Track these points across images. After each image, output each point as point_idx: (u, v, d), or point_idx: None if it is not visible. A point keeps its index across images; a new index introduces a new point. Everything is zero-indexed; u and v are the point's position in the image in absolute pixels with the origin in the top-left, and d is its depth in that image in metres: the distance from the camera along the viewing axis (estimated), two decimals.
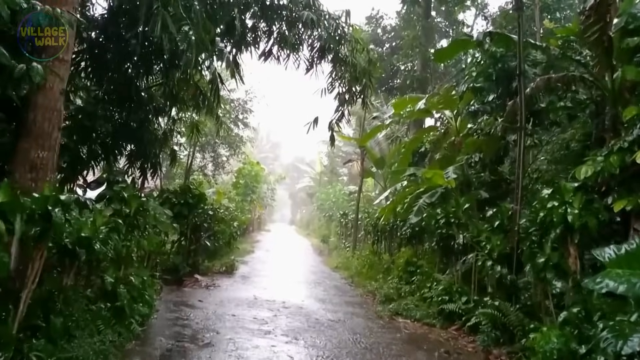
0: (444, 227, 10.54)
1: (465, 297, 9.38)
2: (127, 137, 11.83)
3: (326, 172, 46.39)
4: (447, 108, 14.20)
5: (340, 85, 13.68)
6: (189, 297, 10.50)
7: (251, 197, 29.92)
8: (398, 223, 14.26)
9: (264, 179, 36.35)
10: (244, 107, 25.95)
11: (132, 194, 7.31)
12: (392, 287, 12.24)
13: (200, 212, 13.01)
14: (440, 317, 9.52)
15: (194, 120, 16.60)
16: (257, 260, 19.14)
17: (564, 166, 10.67)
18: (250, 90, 25.95)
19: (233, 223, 19.47)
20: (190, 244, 12.88)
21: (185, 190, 12.46)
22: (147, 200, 7.51)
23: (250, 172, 29.28)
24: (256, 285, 13.10)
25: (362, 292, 12.94)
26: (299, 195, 69.18)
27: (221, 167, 26.83)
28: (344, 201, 31.16)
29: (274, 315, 9.29)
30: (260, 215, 44.89)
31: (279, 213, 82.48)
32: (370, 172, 23.58)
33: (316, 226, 42.46)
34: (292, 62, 13.64)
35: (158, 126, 14.20)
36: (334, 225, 30.37)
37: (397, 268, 13.14)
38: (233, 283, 13.10)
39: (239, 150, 26.73)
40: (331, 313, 9.89)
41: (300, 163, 68.97)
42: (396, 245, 15.23)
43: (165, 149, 14.45)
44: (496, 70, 11.67)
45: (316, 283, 14.24)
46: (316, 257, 23.40)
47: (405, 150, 15.93)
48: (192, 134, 16.26)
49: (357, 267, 16.48)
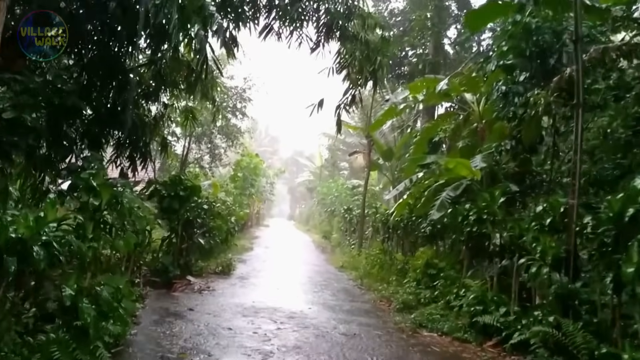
0: (474, 224, 9.08)
1: (503, 307, 7.92)
2: (113, 122, 10.50)
3: (327, 166, 44.91)
4: (470, 91, 12.76)
5: (350, 65, 12.22)
6: (179, 305, 9.04)
7: (250, 190, 28.45)
8: (413, 219, 12.81)
9: (263, 172, 34.87)
10: (242, 96, 24.38)
11: (103, 183, 5.83)
12: (409, 292, 10.81)
13: (193, 206, 11.54)
14: (473, 330, 8.07)
15: (188, 106, 15.18)
16: (257, 259, 17.68)
17: (607, 156, 9.25)
18: (248, 78, 24.43)
19: (230, 218, 18.00)
20: (182, 242, 11.40)
21: (176, 182, 10.98)
22: (122, 190, 6.02)
23: (249, 165, 27.80)
24: (256, 288, 11.65)
25: (374, 297, 11.49)
26: (298, 189, 67.87)
27: (218, 159, 25.37)
28: (346, 196, 29.70)
29: (277, 329, 7.84)
30: (259, 210, 43.45)
31: (278, 208, 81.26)
32: (376, 165, 22.11)
33: (317, 221, 41.01)
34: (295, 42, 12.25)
35: (148, 112, 12.86)
36: (337, 220, 28.93)
37: (413, 270, 11.70)
38: (230, 285, 11.65)
39: (237, 142, 25.24)
40: (344, 325, 8.44)
41: (300, 157, 67.49)
42: (411, 244, 13.78)
43: (156, 137, 13.13)
44: (530, 45, 10.24)
45: (322, 285, 12.80)
46: (319, 255, 21.96)
47: (420, 139, 14.49)
48: (187, 121, 14.77)
49: (365, 267, 15.03)
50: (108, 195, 5.82)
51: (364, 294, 12.02)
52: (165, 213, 10.89)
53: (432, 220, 10.58)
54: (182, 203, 10.87)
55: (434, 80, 12.90)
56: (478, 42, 21.72)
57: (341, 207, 27.26)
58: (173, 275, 10.77)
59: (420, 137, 14.53)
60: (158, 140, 13.23)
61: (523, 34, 10.24)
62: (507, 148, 10.41)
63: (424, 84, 13.21)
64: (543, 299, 7.28)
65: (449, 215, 10.20)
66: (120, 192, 6.00)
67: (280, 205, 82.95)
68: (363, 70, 12.11)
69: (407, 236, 13.84)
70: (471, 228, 9.16)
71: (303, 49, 12.15)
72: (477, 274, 9.73)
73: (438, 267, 10.83)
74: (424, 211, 12.17)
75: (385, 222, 15.29)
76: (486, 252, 8.99)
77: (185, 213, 11.11)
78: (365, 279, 14.11)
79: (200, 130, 23.66)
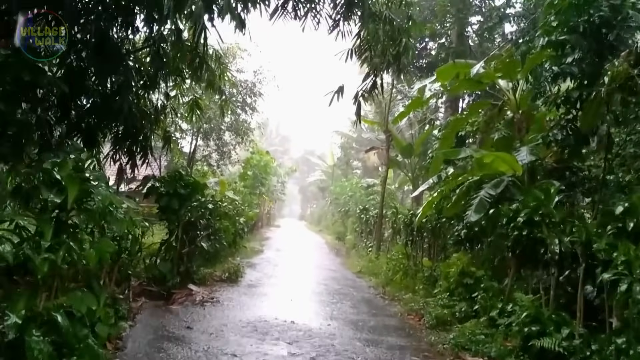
0: (523, 227, 7.65)
1: (566, 328, 6.50)
2: (110, 113, 9.37)
3: (340, 165, 43.48)
4: (506, 77, 11.32)
5: (372, 48, 10.82)
6: (176, 321, 7.72)
7: (260, 189, 27.13)
8: (442, 221, 11.39)
9: (274, 170, 33.55)
10: (252, 90, 23.09)
11: (69, 175, 4.51)
12: (442, 304, 9.40)
13: (196, 205, 10.21)
14: (528, 356, 6.67)
15: (193, 96, 13.92)
16: (267, 263, 16.34)
17: None
18: (259, 71, 23.15)
19: (239, 219, 16.69)
20: (182, 246, 10.07)
21: (175, 178, 9.67)
22: (96, 185, 4.69)
23: (259, 162, 26.49)
24: (266, 298, 10.31)
25: (401, 310, 10.09)
26: (309, 189, 66.66)
27: (227, 156, 24.11)
28: (361, 195, 28.28)
29: (291, 354, 6.48)
30: (270, 210, 42.16)
31: (288, 208, 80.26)
32: (395, 162, 20.68)
33: (329, 222, 39.61)
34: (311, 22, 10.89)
35: (149, 102, 11.66)
36: (351, 221, 27.52)
37: (445, 278, 10.27)
38: (237, 295, 10.32)
39: (247, 138, 23.95)
40: (371, 347, 7.06)
41: (311, 156, 66.19)
42: (440, 249, 12.35)
43: (158, 130, 11.92)
44: (582, 20, 8.79)
45: (340, 295, 11.42)
46: (334, 258, 20.56)
47: (448, 132, 13.04)
48: (192, 113, 13.48)
49: (387, 273, 13.65)
50: (75, 192, 4.49)
51: (388, 306, 10.62)
52: (164, 213, 9.59)
53: (469, 222, 9.14)
54: (183, 202, 9.55)
55: (465, 66, 11.46)
56: (502, 33, 20.28)
57: (356, 207, 25.86)
58: (172, 285, 9.46)
59: (447, 131, 13.09)
60: (160, 134, 12.06)
61: (576, 7, 8.81)
62: (558, 138, 8.93)
63: (454, 69, 11.77)
64: (621, 321, 5.85)
65: (489, 216, 8.79)
66: (93, 186, 4.67)
67: (291, 205, 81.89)
68: (386, 54, 10.73)
69: (436, 240, 12.41)
70: (520, 232, 7.72)
71: (318, 34, 10.79)
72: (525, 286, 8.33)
73: (475, 276, 9.41)
74: (454, 211, 10.81)
75: (409, 224, 13.87)
76: (539, 261, 7.55)
77: (187, 213, 9.79)
78: (387, 286, 12.74)
79: (208, 127, 22.46)
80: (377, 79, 10.92)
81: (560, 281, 7.06)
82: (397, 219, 16.21)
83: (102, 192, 4.61)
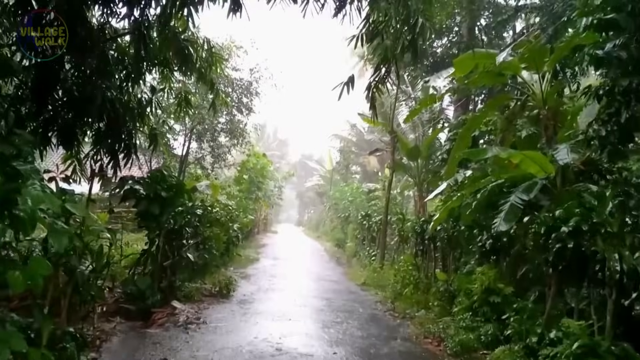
0: (568, 239, 6.37)
1: None
2: (87, 107, 8.20)
3: (339, 169, 42.18)
4: (531, 68, 10.09)
5: (384, 31, 9.59)
6: (152, 350, 6.42)
7: (256, 194, 25.79)
8: (461, 229, 10.11)
9: (271, 174, 32.22)
10: (249, 89, 21.80)
11: None
12: (465, 325, 8.13)
13: (181, 211, 8.92)
14: None
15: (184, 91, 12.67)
16: (263, 274, 15.01)
17: None
18: (255, 69, 21.86)
19: (233, 226, 15.38)
20: (165, 258, 8.76)
21: (157, 179, 8.37)
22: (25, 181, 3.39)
23: (256, 166, 25.16)
24: (261, 317, 8.99)
25: (416, 332, 8.78)
26: (307, 194, 65.39)
27: (222, 158, 22.78)
28: (362, 200, 26.95)
29: None
30: (267, 216, 40.81)
31: (286, 213, 79.00)
32: (400, 165, 19.38)
33: (328, 228, 38.27)
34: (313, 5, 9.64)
35: (134, 97, 10.45)
36: (352, 227, 26.21)
37: (465, 294, 8.99)
38: (227, 314, 9.01)
39: (243, 140, 22.64)
40: None
41: (309, 160, 64.97)
42: (455, 260, 11.07)
43: (143, 127, 10.70)
44: None
45: (345, 312, 10.11)
46: (335, 267, 19.22)
47: (464, 131, 11.75)
48: (181, 109, 12.20)
49: (394, 286, 12.34)
50: None
51: (400, 326, 9.31)
52: (143, 220, 8.28)
53: (497, 231, 7.85)
54: (165, 207, 8.25)
55: (485, 56, 10.22)
56: (513, 28, 19.13)
57: (357, 212, 24.57)
58: (152, 303, 8.14)
59: (462, 131, 11.82)
60: (142, 129, 10.82)
61: None
62: (602, 134, 7.68)
63: (473, 60, 10.51)
64: None
65: (522, 225, 7.53)
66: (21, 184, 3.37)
67: (289, 211, 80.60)
68: (400, 38, 9.49)
69: (452, 250, 11.11)
70: (564, 244, 6.45)
71: (317, 29, 9.52)
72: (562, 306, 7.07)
73: (503, 294, 8.13)
74: (469, 218, 9.58)
75: (420, 232, 12.59)
76: (590, 279, 6.27)
77: (169, 220, 8.48)
78: (396, 301, 11.44)
79: (202, 128, 21.19)
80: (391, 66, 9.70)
81: (622, 305, 5.77)
82: (404, 226, 14.94)
83: (32, 193, 3.31)
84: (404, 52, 9.45)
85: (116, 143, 9.51)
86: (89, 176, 9.91)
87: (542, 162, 8.31)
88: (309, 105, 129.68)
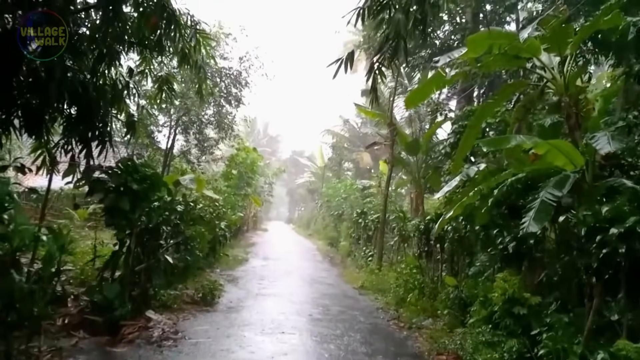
0: (619, 242, 5.29)
1: None
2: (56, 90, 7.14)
3: (331, 166, 41.02)
4: (553, 49, 9.01)
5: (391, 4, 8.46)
6: None
7: (246, 190, 24.56)
8: (476, 229, 8.99)
9: (262, 170, 30.97)
10: (238, 80, 20.56)
11: None
12: (484, 340, 7.04)
13: (157, 207, 7.72)
14: None
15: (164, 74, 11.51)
16: (253, 276, 13.83)
17: None
18: (245, 58, 20.61)
19: (220, 224, 14.17)
20: (137, 262, 7.55)
21: (127, 169, 7.16)
22: None
23: (245, 160, 23.92)
24: (249, 330, 7.83)
25: (427, 346, 7.67)
26: (297, 191, 64.31)
27: (209, 152, 21.56)
28: (356, 197, 25.84)
29: None
30: (256, 213, 39.55)
31: (276, 211, 77.94)
32: (399, 159, 18.24)
33: (320, 226, 37.13)
34: None
35: (109, 80, 9.33)
36: (345, 226, 25.10)
37: (482, 304, 7.90)
38: (212, 326, 7.84)
39: (231, 132, 21.42)
40: None
41: (300, 157, 63.72)
42: (465, 263, 9.98)
43: (119, 113, 9.61)
44: None
45: (344, 322, 8.97)
46: (329, 269, 18.06)
47: (475, 120, 10.64)
48: (161, 93, 11.04)
49: (396, 291, 11.24)
50: None
51: (408, 339, 8.19)
52: (111, 217, 7.07)
53: (525, 233, 6.73)
54: (137, 202, 7.04)
55: (502, 36, 9.11)
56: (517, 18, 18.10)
57: (352, 210, 23.45)
58: (121, 314, 6.94)
59: (473, 119, 10.69)
60: (119, 115, 9.72)
61: None
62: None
63: (488, 40, 9.38)
64: None
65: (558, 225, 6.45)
66: None
67: (279, 208, 79.52)
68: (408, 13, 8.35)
69: (463, 252, 10.02)
70: (613, 248, 5.37)
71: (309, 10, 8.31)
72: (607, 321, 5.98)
73: (528, 304, 7.03)
74: (488, 218, 8.50)
75: (424, 231, 11.50)
76: None
77: (142, 217, 7.27)
78: (399, 308, 10.35)
79: (188, 119, 19.95)
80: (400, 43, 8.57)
81: None
82: (406, 225, 13.84)
83: None
84: (416, 26, 8.34)
85: (89, 130, 8.51)
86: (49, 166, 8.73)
87: (571, 154, 7.24)
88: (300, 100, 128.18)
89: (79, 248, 12.66)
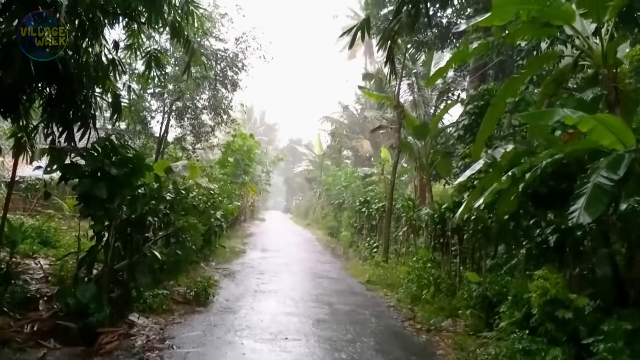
0: None
1: None
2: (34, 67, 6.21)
3: (330, 154, 39.92)
4: (592, 15, 7.96)
5: None
6: None
7: (243, 178, 23.50)
8: (505, 219, 7.97)
9: (259, 158, 29.88)
10: (234, 62, 19.37)
11: None
12: (522, 348, 6.04)
13: (141, 195, 6.67)
14: None
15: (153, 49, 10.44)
16: (251, 270, 12.82)
17: None
18: (242, 39, 19.39)
19: (215, 213, 13.13)
20: (119, 258, 6.50)
21: (104, 151, 6.09)
22: None
23: (242, 147, 22.83)
24: (248, 335, 6.81)
25: (455, 356, 6.66)
26: (295, 180, 63.30)
27: (204, 138, 20.43)
28: (358, 186, 24.80)
29: None
30: (254, 202, 38.54)
31: (273, 200, 77.03)
32: (405, 144, 17.18)
33: (319, 215, 36.13)
34: None
35: (93, 56, 8.37)
36: (347, 215, 24.08)
37: (514, 304, 6.91)
38: (205, 331, 6.82)
39: (228, 118, 20.31)
40: None
41: (298, 145, 62.64)
42: (486, 256, 8.98)
43: (104, 93, 8.69)
44: None
45: (355, 323, 7.97)
46: (332, 261, 17.04)
47: (499, 98, 9.56)
48: (150, 70, 10.03)
49: (408, 286, 10.25)
50: None
51: (430, 345, 7.19)
52: (86, 207, 6.01)
53: (576, 223, 5.71)
54: (116, 189, 5.97)
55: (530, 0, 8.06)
56: None
57: (353, 198, 22.42)
58: (98, 319, 5.90)
59: (497, 97, 9.62)
60: (104, 95, 8.79)
61: None
62: None
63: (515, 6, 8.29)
64: None
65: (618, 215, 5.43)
66: None
67: (276, 197, 78.60)
68: None
69: (487, 244, 9.00)
70: None
71: None
72: None
73: (574, 307, 6.03)
74: (517, 205, 7.50)
75: (439, 222, 10.49)
76: None
77: (123, 206, 6.22)
78: (414, 306, 9.37)
79: (182, 104, 18.83)
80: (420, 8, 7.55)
81: None
82: (416, 214, 12.82)
83: None
84: None
85: (69, 111, 7.58)
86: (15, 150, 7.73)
87: (620, 131, 6.25)
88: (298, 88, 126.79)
89: (63, 240, 11.70)
